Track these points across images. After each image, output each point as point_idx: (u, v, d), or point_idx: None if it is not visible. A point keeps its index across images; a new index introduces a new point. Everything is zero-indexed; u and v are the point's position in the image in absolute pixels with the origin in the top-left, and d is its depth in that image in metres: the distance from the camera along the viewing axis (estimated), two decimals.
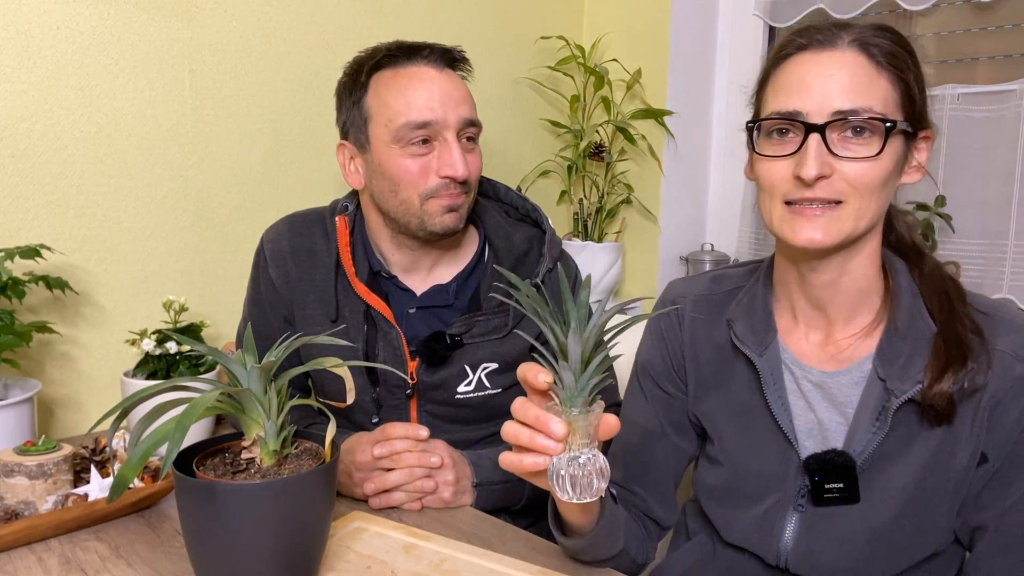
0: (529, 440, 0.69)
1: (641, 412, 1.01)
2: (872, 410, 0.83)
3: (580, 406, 0.68)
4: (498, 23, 1.97)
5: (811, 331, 0.90)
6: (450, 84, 1.10)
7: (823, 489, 0.85)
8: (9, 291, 1.12)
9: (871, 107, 0.77)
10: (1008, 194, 1.65)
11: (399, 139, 1.07)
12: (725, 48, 2.14)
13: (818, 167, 0.77)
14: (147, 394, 0.73)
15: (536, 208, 1.25)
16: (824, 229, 0.79)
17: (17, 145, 1.25)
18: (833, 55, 0.79)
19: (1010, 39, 1.69)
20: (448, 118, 1.08)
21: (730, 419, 0.94)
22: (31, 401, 1.12)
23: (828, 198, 0.79)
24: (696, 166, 2.16)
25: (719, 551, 0.98)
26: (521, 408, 0.71)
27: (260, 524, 0.71)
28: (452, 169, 1.07)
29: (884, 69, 0.79)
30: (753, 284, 0.95)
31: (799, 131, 0.79)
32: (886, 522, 0.84)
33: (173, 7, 1.39)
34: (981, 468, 0.82)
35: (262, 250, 1.20)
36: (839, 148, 0.78)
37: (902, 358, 0.82)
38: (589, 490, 0.68)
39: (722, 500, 0.95)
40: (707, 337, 0.96)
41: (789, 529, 0.89)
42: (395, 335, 1.13)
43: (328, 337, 0.80)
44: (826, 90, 0.78)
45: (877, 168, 0.78)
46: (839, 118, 0.77)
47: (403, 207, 1.10)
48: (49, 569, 0.84)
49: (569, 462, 0.68)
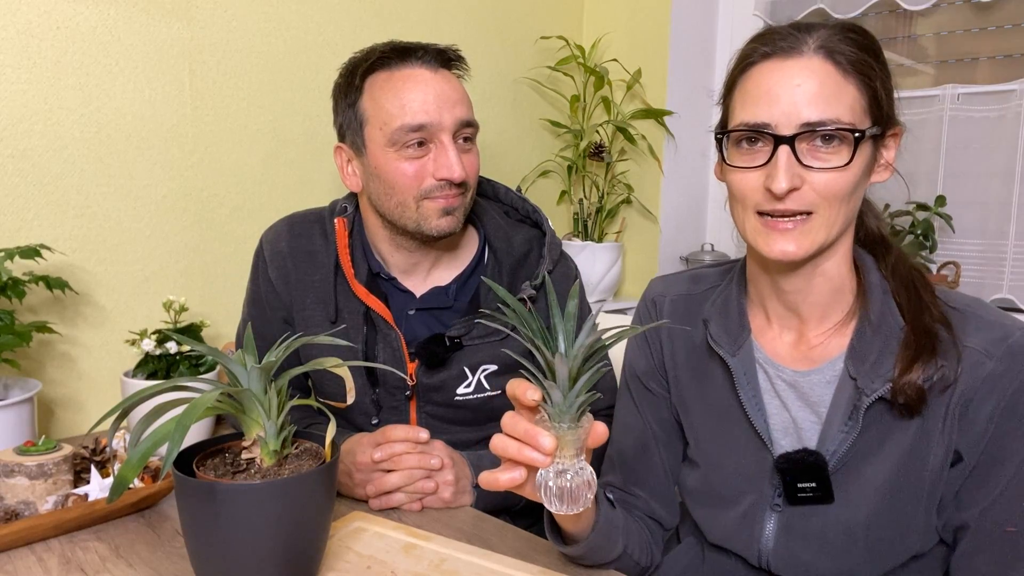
0: (517, 453, 0.70)
1: (632, 414, 1.02)
2: (844, 409, 0.83)
3: (569, 421, 0.69)
4: (498, 23, 1.97)
5: (784, 331, 0.90)
6: (445, 85, 1.09)
7: (796, 488, 0.85)
8: (9, 291, 1.12)
9: (839, 117, 0.77)
10: (1008, 194, 1.65)
11: (394, 142, 1.07)
12: (725, 48, 2.14)
13: (788, 180, 0.77)
14: (147, 394, 0.73)
15: (536, 209, 1.25)
16: (796, 242, 0.79)
17: (17, 145, 1.25)
18: (799, 63, 0.78)
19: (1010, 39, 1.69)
20: (443, 120, 1.07)
21: (707, 419, 0.95)
22: (31, 401, 1.12)
23: (799, 209, 0.79)
24: (696, 166, 2.16)
25: (707, 553, 0.99)
26: (511, 421, 0.71)
27: (260, 524, 0.71)
28: (448, 171, 1.07)
29: (851, 76, 0.78)
30: (727, 285, 0.96)
31: (768, 142, 0.79)
32: (861, 521, 0.84)
33: (173, 7, 1.39)
34: (957, 467, 0.82)
35: (261, 251, 1.20)
36: (808, 159, 0.78)
37: (873, 356, 0.82)
38: (576, 502, 0.69)
39: (703, 501, 0.96)
40: (684, 337, 0.97)
41: (768, 529, 0.89)
42: (394, 336, 1.13)
43: (328, 337, 0.80)
44: (793, 101, 0.77)
45: (846, 177, 0.78)
46: (807, 130, 0.77)
47: (399, 209, 1.10)
48: (49, 569, 0.84)
49: (557, 475, 0.69)
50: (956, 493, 0.83)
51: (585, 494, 0.69)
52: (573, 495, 0.69)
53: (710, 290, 0.98)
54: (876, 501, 0.83)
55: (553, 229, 1.22)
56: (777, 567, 0.89)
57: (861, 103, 0.79)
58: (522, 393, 0.71)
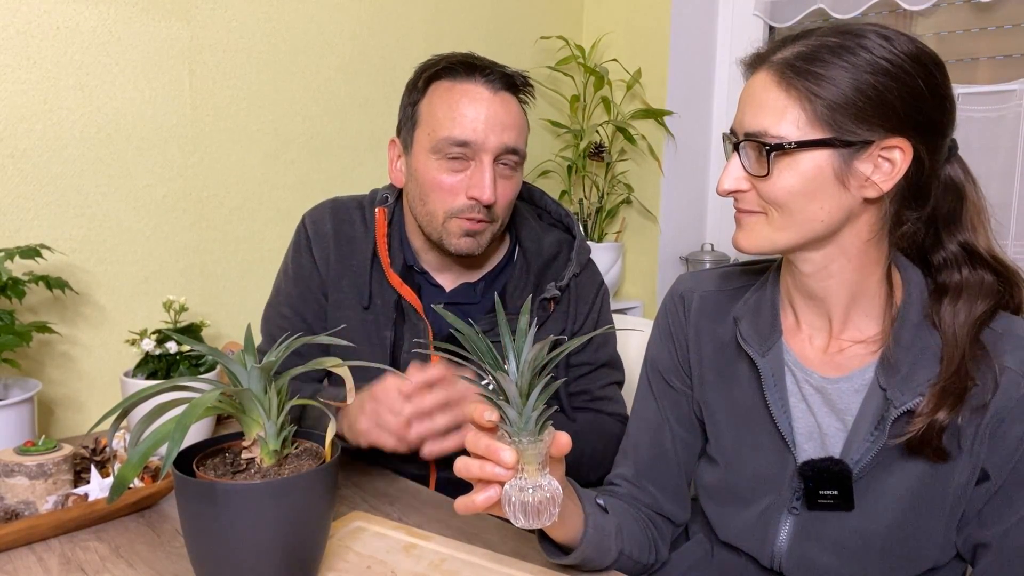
0: (479, 470, 0.71)
1: (650, 409, 1.01)
2: (871, 419, 0.83)
3: (528, 436, 0.70)
4: (498, 23, 1.97)
5: (814, 334, 0.90)
6: (501, 108, 1.10)
7: (817, 495, 0.85)
8: (9, 291, 1.12)
9: (765, 129, 0.79)
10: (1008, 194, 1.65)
11: (437, 151, 1.09)
12: (725, 48, 2.14)
13: (730, 183, 0.83)
14: (147, 394, 0.73)
15: (569, 214, 1.28)
16: (744, 235, 0.85)
17: (17, 145, 1.25)
18: (755, 79, 0.82)
19: (1010, 39, 1.69)
20: (488, 141, 1.08)
21: (730, 418, 0.94)
22: (31, 401, 1.12)
23: (746, 209, 0.84)
24: (696, 166, 2.16)
25: (716, 552, 0.99)
26: (473, 439, 0.73)
27: (260, 524, 0.71)
28: (480, 191, 1.08)
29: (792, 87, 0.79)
30: (762, 284, 0.95)
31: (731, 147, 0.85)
32: (880, 531, 0.83)
33: (173, 7, 1.39)
34: (982, 485, 0.81)
35: (304, 229, 1.21)
36: (752, 167, 0.82)
37: (905, 368, 0.81)
38: (540, 517, 0.70)
39: (718, 499, 0.95)
40: (712, 333, 0.96)
41: (784, 532, 0.89)
42: (423, 327, 1.15)
43: (328, 336, 0.80)
44: (742, 110, 0.83)
45: (774, 184, 0.79)
46: (749, 139, 0.81)
47: (428, 218, 1.12)
48: (49, 569, 0.84)
49: (520, 491, 0.70)
50: (979, 511, 0.82)
51: (549, 509, 0.70)
52: (537, 510, 0.69)
53: (742, 288, 0.97)
54: (897, 512, 0.83)
55: (584, 235, 1.23)
56: (789, 570, 0.89)
57: (805, 115, 0.78)
58: (479, 415, 0.72)
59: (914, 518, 0.82)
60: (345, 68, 1.65)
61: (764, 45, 0.85)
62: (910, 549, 0.83)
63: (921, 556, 0.83)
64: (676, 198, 2.11)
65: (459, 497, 0.75)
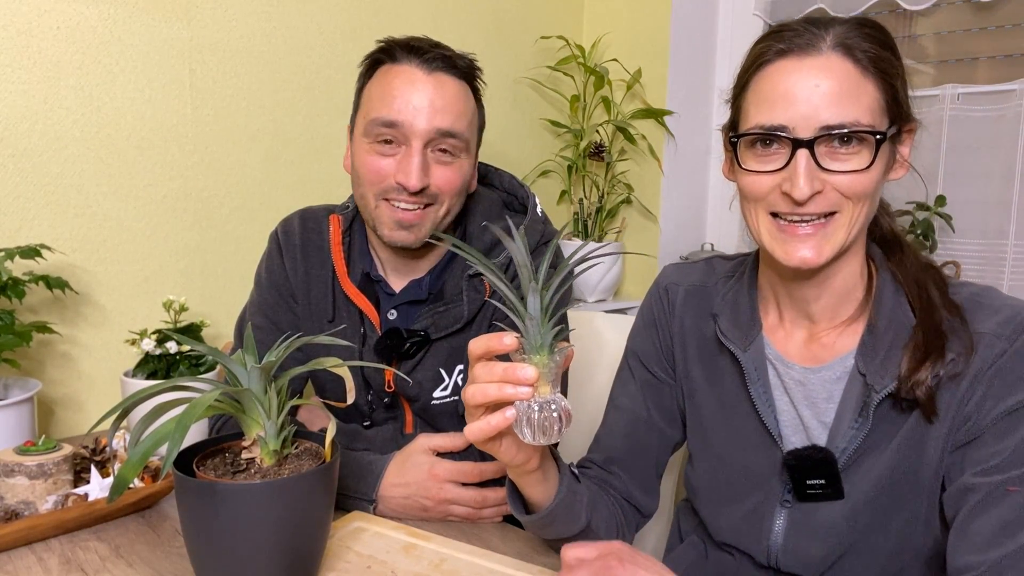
0: (498, 392, 0.70)
1: (630, 397, 1.00)
2: (854, 406, 0.83)
3: (544, 353, 0.70)
4: (498, 23, 1.97)
5: (795, 329, 0.90)
6: (436, 91, 1.04)
7: (805, 485, 0.85)
8: (9, 291, 1.12)
9: (858, 119, 0.75)
10: (1008, 194, 1.66)
11: (368, 133, 1.05)
12: (725, 48, 2.14)
13: (810, 186, 0.76)
14: (147, 394, 0.73)
15: (528, 195, 1.21)
16: (816, 249, 0.78)
17: (17, 145, 1.25)
18: (817, 62, 0.76)
19: (1010, 39, 1.69)
20: (417, 124, 1.02)
21: (716, 414, 0.94)
22: (31, 401, 1.12)
23: (821, 212, 0.78)
24: (696, 166, 2.17)
25: (711, 552, 0.98)
26: (484, 370, 0.71)
27: (260, 524, 0.71)
28: (405, 177, 1.03)
29: (870, 74, 0.76)
30: (738, 280, 0.95)
31: (785, 145, 0.77)
32: (862, 509, 0.83)
33: (173, 7, 1.39)
34: (963, 440, 0.79)
35: (276, 238, 1.19)
36: (828, 162, 0.76)
37: (882, 352, 0.81)
38: (546, 434, 0.71)
39: (710, 498, 0.95)
40: (695, 328, 0.96)
41: (778, 526, 0.89)
42: (375, 339, 1.11)
43: (328, 337, 0.80)
44: (812, 103, 0.75)
45: (869, 177, 0.77)
46: (825, 133, 0.75)
47: (363, 202, 1.09)
48: (49, 569, 0.84)
49: (538, 407, 0.70)
50: (962, 461, 0.79)
51: (560, 423, 0.71)
52: (548, 424, 0.70)
53: (722, 282, 0.97)
54: (877, 488, 0.83)
55: (542, 214, 1.17)
56: (787, 563, 0.88)
57: (880, 102, 0.77)
58: (497, 341, 0.70)
59: (891, 490, 0.82)
60: (345, 68, 1.65)
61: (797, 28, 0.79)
62: (892, 526, 0.83)
63: (904, 534, 0.83)
64: (676, 198, 2.11)
65: (469, 424, 0.73)
